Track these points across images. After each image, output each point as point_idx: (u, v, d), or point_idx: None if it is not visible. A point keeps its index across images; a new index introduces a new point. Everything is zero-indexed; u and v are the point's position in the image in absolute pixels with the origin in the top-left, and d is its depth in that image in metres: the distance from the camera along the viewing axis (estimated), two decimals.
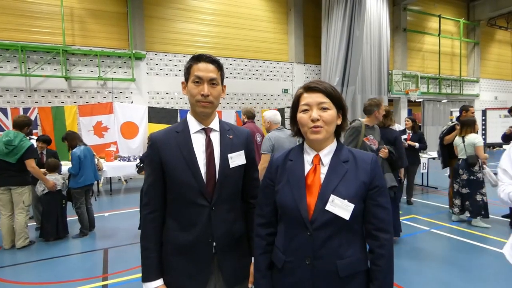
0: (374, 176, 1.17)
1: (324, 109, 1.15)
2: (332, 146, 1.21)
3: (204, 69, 1.31)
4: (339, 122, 1.21)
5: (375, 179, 1.17)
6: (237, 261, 1.40)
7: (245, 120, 5.01)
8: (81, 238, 4.45)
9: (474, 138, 4.57)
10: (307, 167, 1.20)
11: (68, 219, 4.62)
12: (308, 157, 1.21)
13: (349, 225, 1.13)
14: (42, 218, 4.38)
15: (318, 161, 1.19)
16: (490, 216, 4.59)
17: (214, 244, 1.34)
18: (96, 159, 4.94)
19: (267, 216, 1.28)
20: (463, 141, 4.66)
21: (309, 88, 1.18)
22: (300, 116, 1.18)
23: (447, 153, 5.23)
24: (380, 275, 1.14)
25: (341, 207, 1.11)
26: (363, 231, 1.21)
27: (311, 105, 1.15)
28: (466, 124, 4.71)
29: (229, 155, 1.36)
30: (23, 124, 4.13)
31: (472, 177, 4.57)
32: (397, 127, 5.97)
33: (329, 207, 1.11)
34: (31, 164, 4.01)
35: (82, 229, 4.52)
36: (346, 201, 1.11)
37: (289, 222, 1.19)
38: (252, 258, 1.40)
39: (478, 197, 4.57)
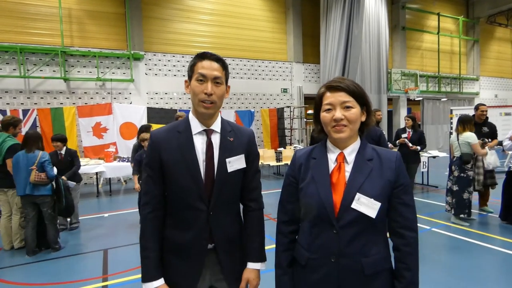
0: (399, 174, 1.16)
1: (348, 107, 1.14)
2: (355, 144, 1.20)
3: (209, 67, 1.27)
4: (363, 118, 1.19)
5: (400, 177, 1.16)
6: (232, 263, 1.39)
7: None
8: (80, 239, 4.40)
9: (468, 137, 4.51)
10: (331, 165, 1.19)
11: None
12: (332, 155, 1.20)
13: (375, 224, 1.12)
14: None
15: (342, 159, 1.18)
16: (491, 214, 4.55)
17: (210, 246, 1.33)
18: (35, 169, 3.83)
19: (290, 214, 1.28)
20: (458, 139, 4.63)
21: (331, 87, 1.16)
22: (323, 115, 1.17)
23: None
24: (408, 273, 1.13)
25: (367, 206, 1.10)
26: (386, 229, 1.20)
27: (334, 104, 1.14)
28: (464, 122, 4.66)
29: (227, 160, 1.33)
30: (7, 124, 4.09)
31: (462, 174, 4.56)
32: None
33: (355, 205, 1.11)
34: (10, 164, 3.87)
35: (27, 248, 3.91)
36: (372, 199, 1.11)
37: (314, 219, 1.18)
38: (247, 263, 1.40)
39: (465, 195, 4.57)
